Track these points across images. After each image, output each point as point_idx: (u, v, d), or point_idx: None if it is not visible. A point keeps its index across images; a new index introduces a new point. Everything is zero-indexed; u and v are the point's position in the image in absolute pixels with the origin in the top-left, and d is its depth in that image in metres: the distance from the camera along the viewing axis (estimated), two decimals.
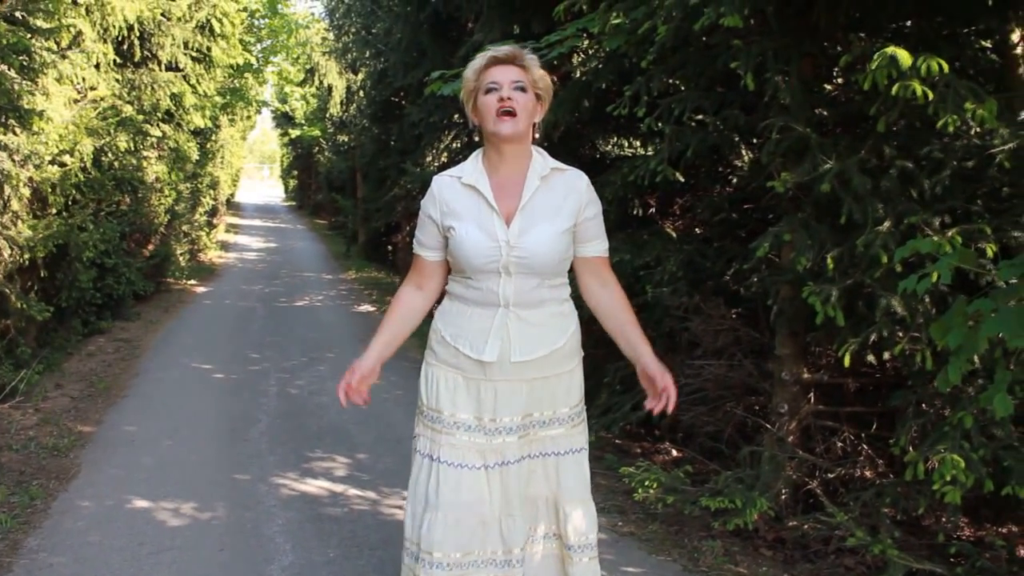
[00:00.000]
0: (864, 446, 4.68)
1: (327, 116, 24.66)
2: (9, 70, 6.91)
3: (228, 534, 4.45)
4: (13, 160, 7.11)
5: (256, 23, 23.01)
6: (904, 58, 3.46)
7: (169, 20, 11.55)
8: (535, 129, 2.76)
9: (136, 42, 10.91)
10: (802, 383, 4.67)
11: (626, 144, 7.70)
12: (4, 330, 7.31)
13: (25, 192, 7.37)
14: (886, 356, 4.16)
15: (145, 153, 11.47)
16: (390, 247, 18.46)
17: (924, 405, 4.02)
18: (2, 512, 4.58)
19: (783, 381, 4.64)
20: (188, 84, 12.17)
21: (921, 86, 3.48)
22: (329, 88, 23.24)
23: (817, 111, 4.67)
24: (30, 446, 5.75)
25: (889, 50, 3.50)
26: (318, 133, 30.37)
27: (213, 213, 22.72)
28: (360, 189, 20.88)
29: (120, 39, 10.57)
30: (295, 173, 44.37)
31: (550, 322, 2.75)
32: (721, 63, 4.48)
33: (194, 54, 12.29)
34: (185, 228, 16.37)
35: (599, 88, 5.68)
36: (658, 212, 6.70)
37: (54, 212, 8.06)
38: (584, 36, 5.39)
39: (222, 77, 15.18)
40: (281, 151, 48.94)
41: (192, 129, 13.42)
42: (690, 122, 4.90)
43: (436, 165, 11.33)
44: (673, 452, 5.82)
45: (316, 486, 5.19)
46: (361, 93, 18.46)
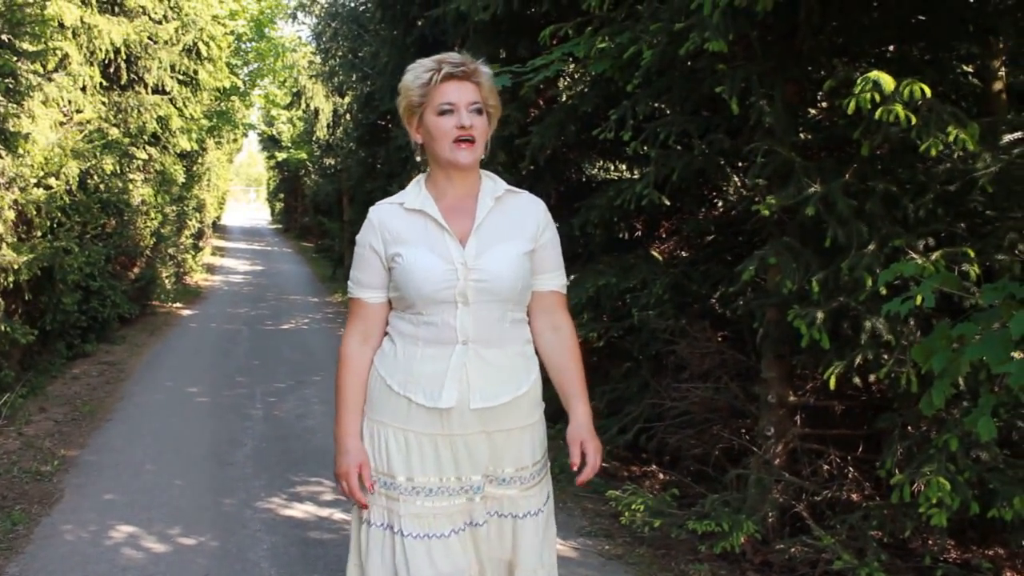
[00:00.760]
0: (850, 469, 4.68)
1: (314, 139, 24.68)
2: None
3: (213, 559, 4.42)
4: None
5: (243, 46, 23.12)
6: (887, 83, 3.49)
7: (156, 43, 11.57)
8: (485, 149, 2.48)
9: (123, 65, 10.93)
10: (788, 406, 4.67)
11: (612, 167, 7.73)
12: None
13: (10, 215, 7.35)
14: (871, 379, 4.18)
15: (131, 176, 11.47)
16: None
17: (910, 427, 4.04)
18: None
19: (769, 404, 4.65)
20: (175, 107, 12.19)
21: (904, 110, 3.51)
22: (316, 111, 23.26)
23: (802, 135, 4.70)
24: (13, 471, 5.71)
25: (872, 75, 3.53)
26: (305, 156, 30.37)
27: (199, 236, 22.68)
28: (347, 212, 20.87)
29: (107, 62, 10.59)
30: (281, 196, 44.33)
31: (514, 363, 2.43)
32: (706, 87, 4.51)
33: (181, 77, 12.32)
34: (171, 251, 16.32)
35: (585, 112, 5.70)
36: (644, 235, 6.72)
37: (39, 235, 8.03)
38: (570, 60, 5.43)
39: (209, 100, 15.21)
40: (267, 174, 48.93)
41: (178, 152, 13.43)
42: (676, 146, 4.92)
43: None
44: (660, 475, 5.81)
45: (302, 510, 5.16)
46: (348, 116, 18.50)
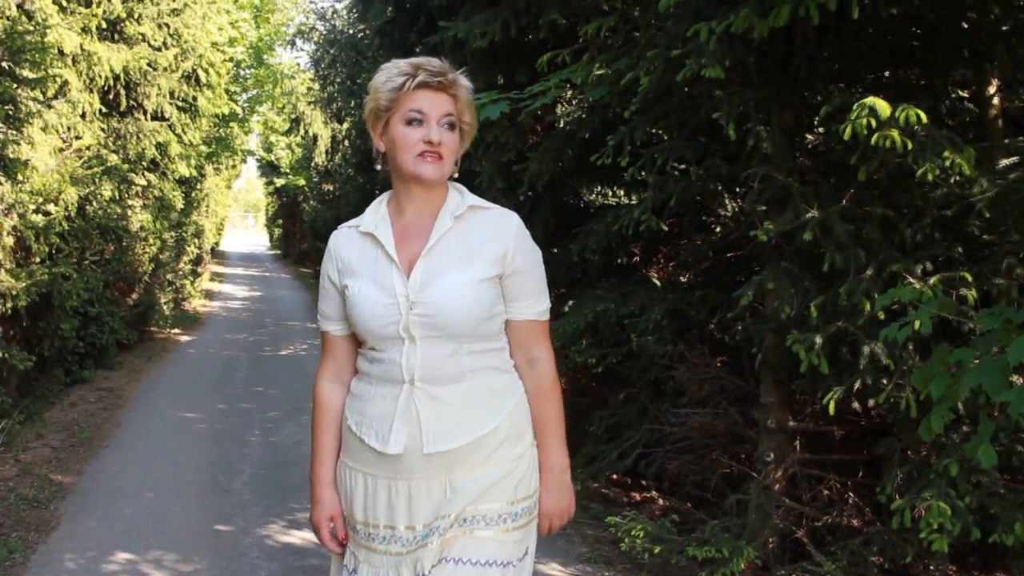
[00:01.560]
0: (850, 494, 4.67)
1: (312, 165, 24.78)
2: None
3: None
4: None
5: (242, 73, 23.21)
6: (883, 108, 3.51)
7: (155, 70, 11.60)
8: (456, 165, 2.24)
9: (122, 91, 10.95)
10: (787, 431, 4.67)
11: (610, 193, 7.75)
12: None
13: (8, 241, 7.36)
14: (871, 403, 4.17)
15: (130, 202, 11.47)
16: None
17: (909, 452, 4.03)
18: None
19: (768, 429, 4.64)
20: (173, 133, 12.21)
21: (900, 136, 3.53)
22: (314, 137, 23.38)
23: (799, 160, 4.72)
24: (9, 498, 5.68)
25: (868, 100, 3.55)
26: (303, 182, 30.44)
27: (198, 262, 22.66)
28: None
29: (106, 89, 10.61)
30: (280, 222, 44.33)
31: (474, 400, 2.15)
32: (703, 113, 4.53)
33: (180, 103, 12.35)
34: (169, 277, 16.30)
35: (582, 138, 5.73)
36: (642, 261, 6.73)
37: (37, 261, 8.03)
38: (567, 87, 5.46)
39: (207, 126, 15.24)
40: (266, 200, 48.95)
41: (177, 178, 13.44)
42: (673, 171, 4.94)
43: None
44: (660, 501, 5.79)
45: (300, 537, 5.14)
46: (346, 142, 18.58)
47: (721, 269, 5.68)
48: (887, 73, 4.67)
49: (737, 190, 5.23)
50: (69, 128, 9.16)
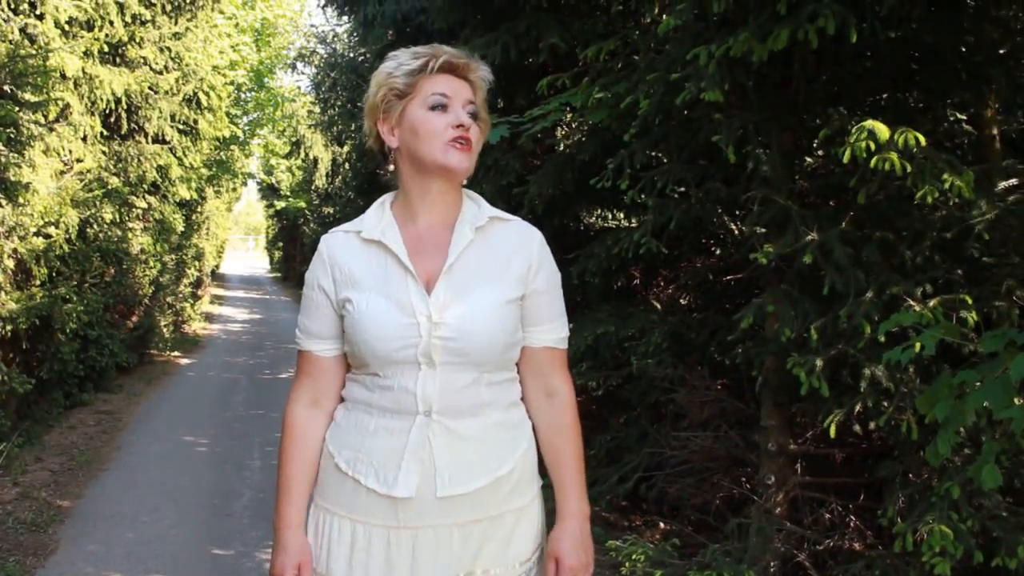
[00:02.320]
0: (852, 517, 4.65)
1: (312, 188, 24.85)
2: None
3: None
4: None
5: (243, 96, 23.28)
6: (882, 131, 3.52)
7: (157, 93, 11.65)
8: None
9: (123, 115, 10.99)
10: (788, 454, 4.65)
11: (610, 216, 7.76)
12: None
13: (9, 264, 7.37)
14: (872, 426, 4.16)
15: (130, 224, 11.50)
16: None
17: (911, 475, 4.02)
18: None
19: (769, 452, 4.63)
20: (174, 156, 12.25)
21: (899, 159, 3.53)
22: (315, 160, 23.45)
23: (798, 183, 4.73)
24: (7, 521, 5.66)
25: (867, 123, 3.56)
26: (303, 205, 30.53)
27: (198, 284, 22.68)
28: None
29: (108, 112, 10.65)
30: (280, 244, 44.42)
31: (492, 436, 1.92)
32: (703, 136, 4.54)
33: (181, 127, 12.40)
34: (170, 299, 16.30)
35: (582, 161, 5.74)
36: (642, 284, 6.73)
37: (38, 283, 8.04)
38: (567, 110, 5.47)
39: (208, 149, 15.28)
40: (266, 222, 49.09)
41: (178, 201, 13.47)
42: (673, 194, 4.95)
43: None
44: (660, 525, 5.77)
45: None
46: (347, 165, 18.61)
47: (721, 292, 5.69)
48: (886, 96, 4.69)
49: (737, 213, 5.24)
50: (70, 151, 9.19)
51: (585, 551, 1.96)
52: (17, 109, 7.21)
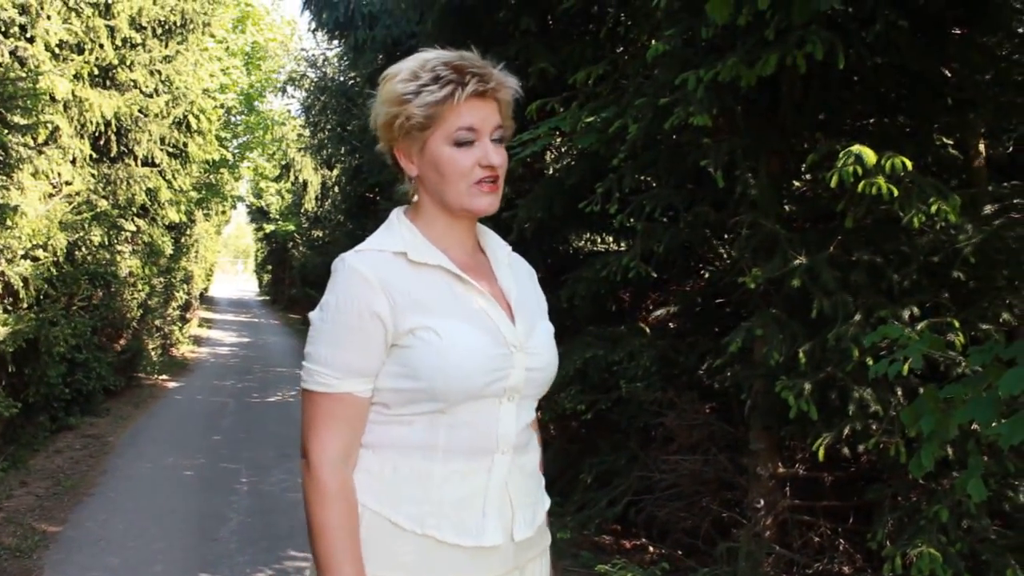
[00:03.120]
0: (841, 540, 4.65)
1: (302, 211, 24.84)
2: None
3: None
4: None
5: (233, 119, 23.33)
6: (869, 156, 3.55)
7: (146, 116, 11.67)
8: None
9: (113, 137, 11.01)
10: (777, 477, 4.65)
11: (599, 240, 7.78)
12: None
13: None
14: (860, 449, 4.17)
15: (119, 247, 11.49)
16: None
17: (900, 498, 4.03)
18: None
19: (758, 476, 4.63)
20: (164, 179, 12.26)
21: (886, 183, 3.56)
22: (304, 183, 23.46)
23: (786, 207, 4.76)
24: None
25: (855, 148, 3.59)
26: (293, 228, 30.50)
27: (186, 307, 22.61)
28: None
29: (97, 135, 10.67)
30: (269, 268, 44.35)
31: (537, 471, 1.82)
32: (691, 161, 4.57)
33: (170, 149, 12.41)
34: (158, 322, 16.25)
35: (571, 185, 5.76)
36: (631, 307, 6.75)
37: (25, 306, 8.00)
38: (556, 134, 5.50)
39: (198, 172, 15.31)
40: (256, 245, 49.04)
41: (167, 224, 13.48)
42: (661, 218, 4.97)
43: None
44: (650, 548, 5.75)
45: None
46: (336, 189, 18.67)
47: (710, 315, 5.70)
48: (873, 121, 4.73)
49: (725, 237, 5.27)
50: (59, 174, 9.19)
51: None
52: (6, 132, 7.21)
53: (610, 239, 7.53)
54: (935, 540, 3.60)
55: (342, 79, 15.84)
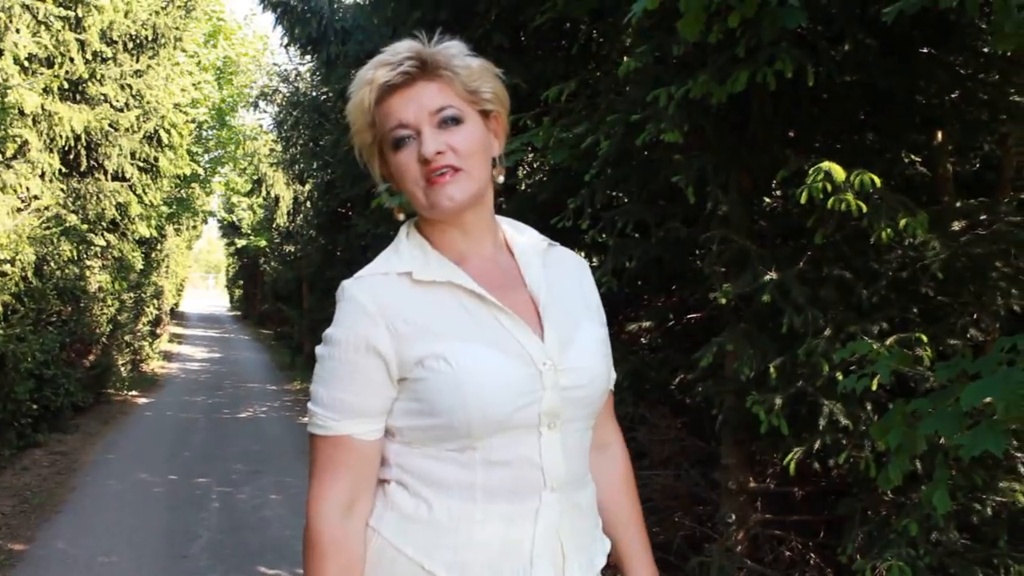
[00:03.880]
0: (812, 555, 4.67)
1: (274, 226, 24.71)
2: None
3: None
4: None
5: (204, 134, 23.25)
6: (838, 173, 3.59)
7: (117, 131, 11.62)
8: (495, 169, 1.56)
9: (83, 152, 10.95)
10: (749, 492, 4.67)
11: None
12: None
13: None
14: (831, 463, 4.19)
15: (89, 262, 11.41)
16: None
17: (870, 512, 4.05)
18: None
19: (730, 490, 4.65)
20: (134, 194, 12.21)
21: (855, 199, 3.59)
22: (276, 198, 23.35)
23: (757, 223, 4.79)
24: None
25: (824, 165, 3.62)
26: (264, 243, 30.37)
27: (157, 323, 22.46)
28: (306, 299, 20.82)
29: (67, 149, 10.61)
30: (240, 283, 44.14)
31: (595, 507, 1.61)
32: (663, 177, 4.60)
33: (141, 164, 12.36)
34: (127, 338, 16.12)
35: (543, 201, 5.77)
36: None
37: None
38: (529, 150, 5.51)
39: (169, 187, 15.25)
40: (227, 260, 48.77)
41: (137, 238, 13.42)
42: (633, 234, 4.99)
43: None
44: None
45: None
46: (308, 204, 18.60)
47: (681, 331, 5.72)
48: (842, 138, 4.78)
49: (697, 252, 5.29)
50: (28, 188, 9.12)
51: None
52: None
53: (582, 254, 7.54)
54: (904, 553, 3.62)
55: (314, 94, 15.80)
